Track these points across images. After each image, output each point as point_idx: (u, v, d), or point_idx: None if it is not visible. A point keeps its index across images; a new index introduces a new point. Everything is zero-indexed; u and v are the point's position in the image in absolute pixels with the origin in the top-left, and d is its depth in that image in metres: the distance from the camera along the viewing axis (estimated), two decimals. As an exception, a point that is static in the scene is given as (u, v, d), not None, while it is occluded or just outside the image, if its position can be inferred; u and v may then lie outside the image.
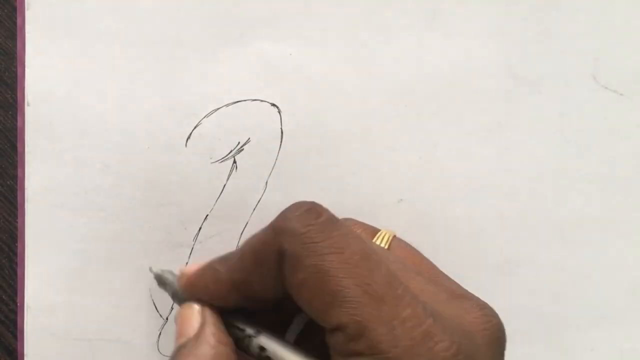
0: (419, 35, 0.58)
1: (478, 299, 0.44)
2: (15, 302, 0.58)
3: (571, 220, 0.58)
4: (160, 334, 0.58)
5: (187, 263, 0.57)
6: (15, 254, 0.57)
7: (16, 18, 0.57)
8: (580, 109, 0.58)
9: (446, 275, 0.48)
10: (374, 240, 0.49)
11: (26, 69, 0.56)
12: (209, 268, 0.46)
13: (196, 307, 0.46)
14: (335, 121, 0.57)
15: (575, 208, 0.58)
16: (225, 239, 0.57)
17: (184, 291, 0.48)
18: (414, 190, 0.57)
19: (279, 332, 0.45)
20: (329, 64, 0.57)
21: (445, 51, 0.58)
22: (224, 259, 0.46)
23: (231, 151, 0.56)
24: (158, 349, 0.58)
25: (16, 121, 0.57)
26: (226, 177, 0.56)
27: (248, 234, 0.56)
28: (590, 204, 0.59)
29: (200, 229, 0.57)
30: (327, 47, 0.57)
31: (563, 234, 0.58)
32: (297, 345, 0.44)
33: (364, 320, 0.38)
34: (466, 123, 0.57)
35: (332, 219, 0.42)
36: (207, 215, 0.57)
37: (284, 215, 0.42)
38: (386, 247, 0.49)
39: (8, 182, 0.58)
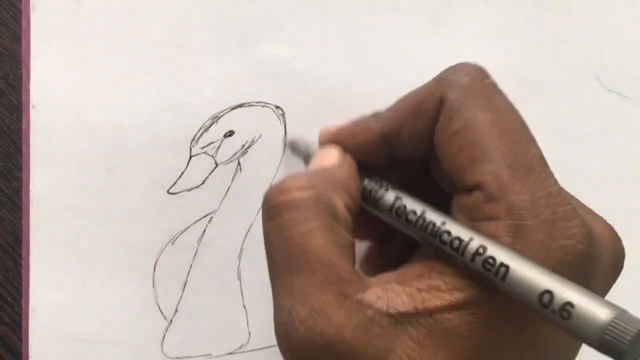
0: (423, 37, 0.58)
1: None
2: (20, 304, 0.58)
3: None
4: (164, 336, 0.58)
5: (191, 265, 0.57)
6: (20, 256, 0.58)
7: (21, 21, 0.57)
8: (584, 111, 0.58)
9: None
10: None
11: (31, 71, 0.56)
12: (358, 120, 0.47)
13: (338, 148, 0.47)
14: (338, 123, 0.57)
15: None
16: (230, 241, 0.57)
17: (324, 141, 0.48)
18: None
19: None
20: (333, 66, 0.57)
21: (449, 53, 0.58)
22: (374, 114, 0.46)
23: (235, 153, 0.56)
24: (162, 351, 0.58)
25: (21, 123, 0.57)
26: (231, 179, 0.57)
27: (253, 235, 0.56)
28: (592, 205, 0.59)
29: (204, 230, 0.57)
30: (331, 49, 0.57)
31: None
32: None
33: (509, 183, 0.38)
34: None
35: (495, 84, 0.42)
36: (211, 217, 0.57)
37: (451, 68, 0.43)
38: None
39: (13, 184, 0.58)
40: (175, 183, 0.56)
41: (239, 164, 0.57)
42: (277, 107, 0.57)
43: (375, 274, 0.42)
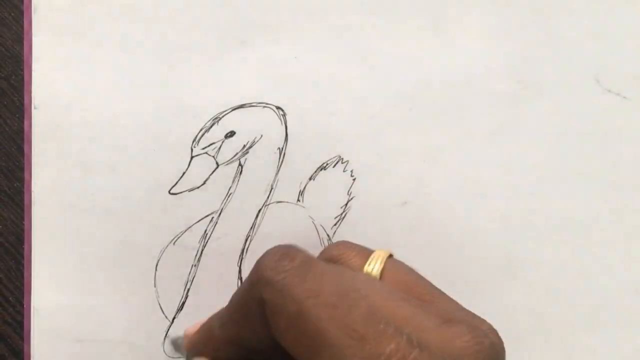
0: (424, 38, 0.58)
1: (472, 319, 0.42)
2: (22, 304, 0.58)
3: (574, 222, 0.58)
4: (166, 335, 0.58)
5: (193, 265, 0.57)
6: (22, 256, 0.58)
7: (23, 22, 0.57)
8: (583, 112, 0.58)
9: (442, 295, 0.46)
10: (366, 264, 0.47)
11: (33, 72, 0.56)
12: (205, 327, 0.47)
13: None
14: (340, 124, 0.57)
15: (578, 210, 0.58)
16: (230, 241, 0.57)
17: (188, 352, 0.48)
18: (418, 192, 0.57)
19: None
20: (334, 67, 0.57)
21: (449, 55, 0.58)
22: (218, 316, 0.46)
23: (237, 154, 0.57)
24: (164, 351, 0.58)
25: (23, 124, 0.57)
26: (232, 180, 0.57)
27: (254, 235, 0.56)
28: (593, 207, 0.59)
29: (205, 231, 0.57)
30: (332, 50, 0.57)
31: (566, 236, 0.58)
32: None
33: None
34: (470, 126, 0.58)
35: (306, 261, 0.41)
36: (212, 217, 0.57)
37: (259, 264, 0.42)
38: (380, 268, 0.47)
39: (15, 185, 0.58)
40: (176, 183, 0.56)
41: (240, 164, 0.57)
42: (278, 107, 0.57)
43: None
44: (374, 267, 0.46)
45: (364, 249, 0.48)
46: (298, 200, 0.57)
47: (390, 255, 0.48)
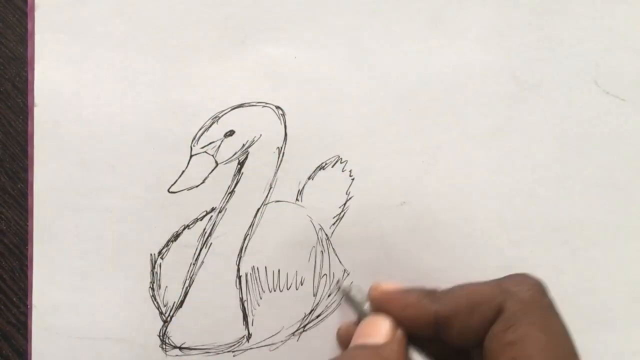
0: (423, 39, 0.58)
1: None
2: (25, 304, 0.58)
3: (572, 223, 0.58)
4: (164, 332, 0.58)
5: (191, 264, 0.57)
6: (26, 257, 0.58)
7: (26, 23, 0.57)
8: (581, 114, 0.58)
9: None
10: None
11: (35, 70, 0.56)
12: (410, 291, 0.47)
13: (389, 322, 0.47)
14: (339, 124, 0.57)
15: (576, 212, 0.58)
16: (229, 240, 0.57)
17: (376, 302, 0.48)
18: (416, 193, 0.57)
19: None
20: (333, 67, 0.57)
21: (448, 56, 0.58)
22: (429, 292, 0.47)
23: (236, 153, 0.57)
24: (162, 348, 0.58)
25: (27, 125, 0.57)
26: (231, 178, 0.57)
27: (253, 233, 0.56)
28: (591, 208, 0.59)
29: (204, 229, 0.57)
30: (331, 50, 0.57)
31: (564, 237, 0.58)
32: None
33: None
34: (469, 127, 0.58)
35: (554, 304, 0.43)
36: (211, 216, 0.57)
37: (515, 278, 0.44)
38: None
39: (19, 186, 0.58)
40: (175, 182, 0.57)
41: (239, 163, 0.57)
42: (278, 107, 0.57)
43: None
44: None
45: None
46: (297, 199, 0.57)
47: None
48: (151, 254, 0.58)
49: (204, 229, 0.57)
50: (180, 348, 0.58)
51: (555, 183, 0.57)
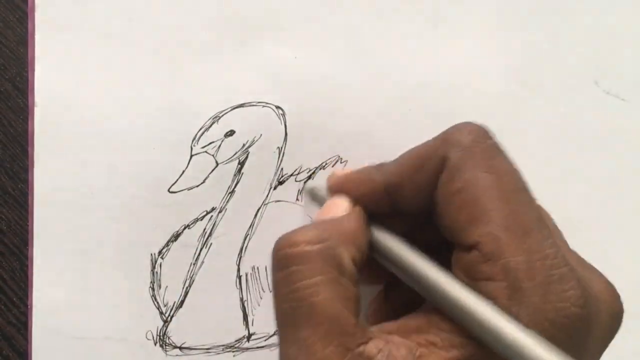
0: (423, 39, 0.58)
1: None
2: (26, 305, 0.59)
3: (571, 223, 0.58)
4: (164, 333, 0.58)
5: (191, 264, 0.58)
6: (27, 257, 0.58)
7: (27, 24, 0.57)
8: (581, 114, 0.58)
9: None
10: None
11: (35, 69, 0.56)
12: (361, 170, 0.48)
13: (347, 199, 0.48)
14: (339, 124, 0.57)
15: (575, 212, 0.58)
16: (229, 240, 0.57)
17: (332, 188, 0.49)
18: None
19: None
20: (334, 67, 0.57)
21: (449, 56, 0.58)
22: (378, 166, 0.47)
23: (236, 153, 0.57)
24: (162, 348, 0.58)
25: (27, 125, 0.57)
26: (231, 178, 0.57)
27: (253, 234, 0.56)
28: (591, 208, 0.59)
29: (204, 229, 0.57)
30: (332, 50, 0.57)
31: (565, 237, 0.58)
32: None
33: (505, 244, 0.39)
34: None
35: (498, 145, 0.43)
36: (211, 216, 0.57)
37: (454, 128, 0.44)
38: None
39: (19, 186, 0.58)
40: (175, 182, 0.57)
41: (239, 163, 0.57)
42: (278, 107, 0.57)
43: (380, 319, 0.45)
44: None
45: None
46: (297, 199, 0.57)
47: None
48: (151, 254, 0.58)
49: (204, 229, 0.57)
50: (180, 348, 0.58)
51: (555, 183, 0.57)
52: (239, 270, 0.57)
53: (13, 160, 0.58)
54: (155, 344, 0.59)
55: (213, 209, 0.57)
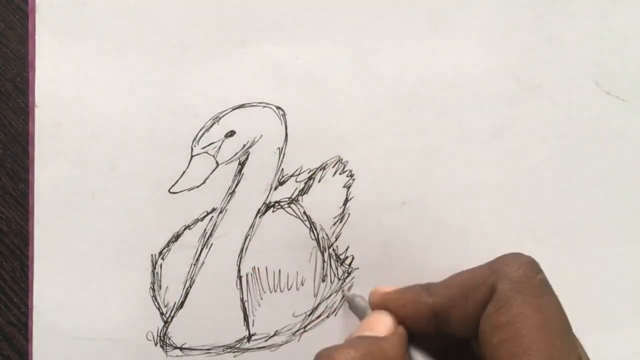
0: (424, 40, 0.58)
1: None
2: (27, 305, 0.58)
3: (572, 223, 0.58)
4: (165, 333, 0.58)
5: (192, 264, 0.58)
6: (27, 258, 0.58)
7: (27, 24, 0.57)
8: (582, 114, 0.58)
9: None
10: None
11: (36, 70, 0.56)
12: (409, 289, 0.48)
13: (391, 317, 0.48)
14: (340, 124, 0.57)
15: (576, 212, 0.58)
16: (230, 240, 0.57)
17: (376, 305, 0.49)
18: (417, 193, 0.58)
19: None
20: (334, 67, 0.57)
21: (449, 56, 0.58)
22: (425, 286, 0.47)
23: (237, 153, 0.57)
24: (162, 348, 0.58)
25: (28, 126, 0.57)
26: (231, 179, 0.57)
27: (253, 234, 0.56)
28: (591, 208, 0.59)
29: (205, 230, 0.57)
30: (333, 51, 0.57)
31: (564, 237, 0.58)
32: None
33: None
34: (469, 127, 0.58)
35: (547, 282, 0.43)
36: (212, 217, 0.57)
37: (504, 258, 0.44)
38: None
39: (20, 186, 0.58)
40: (176, 182, 0.57)
41: (239, 164, 0.57)
42: (278, 107, 0.57)
43: None
44: None
45: None
46: (297, 199, 0.57)
47: None
48: (152, 255, 0.58)
49: (205, 230, 0.57)
50: (181, 348, 0.58)
51: (556, 183, 0.57)
52: (239, 270, 0.57)
53: (13, 160, 0.58)
54: (155, 345, 0.58)
55: (213, 209, 0.57)
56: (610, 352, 0.59)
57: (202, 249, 0.57)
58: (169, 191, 0.57)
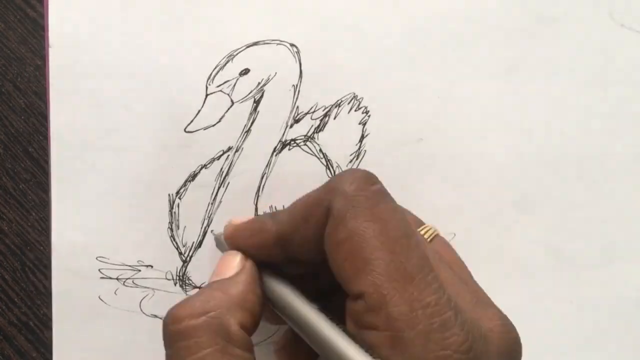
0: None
1: (500, 310, 0.44)
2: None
3: (588, 157, 0.58)
4: (183, 272, 0.58)
5: (209, 203, 0.57)
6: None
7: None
8: (596, 47, 0.59)
9: (476, 282, 0.47)
10: (420, 228, 0.49)
11: (49, 10, 0.56)
12: (256, 219, 0.48)
13: (238, 255, 0.47)
14: (353, 61, 0.57)
15: (592, 145, 0.59)
16: (246, 178, 0.57)
17: (228, 239, 0.49)
18: (433, 129, 0.58)
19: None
20: (348, 3, 0.58)
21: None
22: (272, 214, 0.47)
23: (251, 91, 0.57)
24: (181, 287, 0.58)
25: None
26: (247, 117, 0.57)
27: (270, 171, 0.56)
28: (608, 141, 0.59)
29: (221, 169, 0.57)
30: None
31: (580, 171, 0.58)
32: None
33: (388, 294, 0.39)
34: (484, 62, 0.58)
35: (383, 191, 0.43)
36: (228, 155, 0.57)
37: (338, 176, 0.44)
38: (432, 236, 0.49)
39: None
40: (192, 121, 0.57)
41: (254, 101, 0.57)
42: (292, 44, 0.57)
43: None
44: (426, 232, 0.48)
45: (415, 217, 0.50)
46: (313, 137, 0.57)
47: (437, 233, 0.49)
48: (169, 194, 0.57)
49: (221, 168, 0.57)
50: (200, 288, 0.58)
51: (572, 117, 0.58)
52: (256, 209, 0.57)
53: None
54: (175, 284, 0.58)
55: (229, 148, 0.57)
56: (625, 283, 0.59)
57: (219, 188, 0.57)
58: (184, 130, 0.57)
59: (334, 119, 0.57)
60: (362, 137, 0.57)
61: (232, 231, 0.49)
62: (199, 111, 0.57)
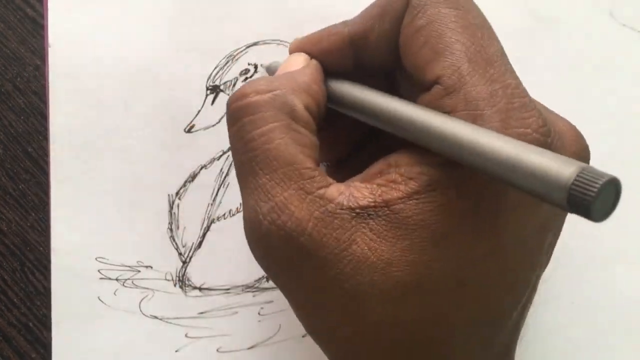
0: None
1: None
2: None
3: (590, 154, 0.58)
4: (183, 273, 0.58)
5: (209, 204, 0.57)
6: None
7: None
8: (597, 46, 0.59)
9: None
10: None
11: (49, 10, 0.56)
12: (326, 27, 0.47)
13: (303, 55, 0.47)
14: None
15: (591, 145, 0.58)
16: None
17: (294, 50, 0.48)
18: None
19: None
20: (349, 3, 0.57)
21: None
22: (343, 22, 0.47)
23: (252, 91, 0.57)
24: (181, 288, 0.58)
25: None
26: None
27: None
28: (607, 141, 0.59)
29: (221, 169, 0.57)
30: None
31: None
32: None
33: (468, 74, 0.38)
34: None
35: None
36: (228, 156, 0.57)
37: None
38: None
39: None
40: (191, 122, 0.56)
41: (255, 101, 0.57)
42: (292, 44, 0.57)
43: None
44: None
45: None
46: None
47: None
48: (169, 195, 0.57)
49: (221, 169, 0.57)
50: (200, 289, 0.57)
51: (571, 115, 0.57)
52: None
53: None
54: (174, 285, 0.57)
55: (229, 148, 0.56)
56: (631, 284, 0.58)
57: (219, 188, 0.57)
58: (184, 131, 0.57)
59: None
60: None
61: (299, 41, 0.48)
62: (199, 111, 0.57)
